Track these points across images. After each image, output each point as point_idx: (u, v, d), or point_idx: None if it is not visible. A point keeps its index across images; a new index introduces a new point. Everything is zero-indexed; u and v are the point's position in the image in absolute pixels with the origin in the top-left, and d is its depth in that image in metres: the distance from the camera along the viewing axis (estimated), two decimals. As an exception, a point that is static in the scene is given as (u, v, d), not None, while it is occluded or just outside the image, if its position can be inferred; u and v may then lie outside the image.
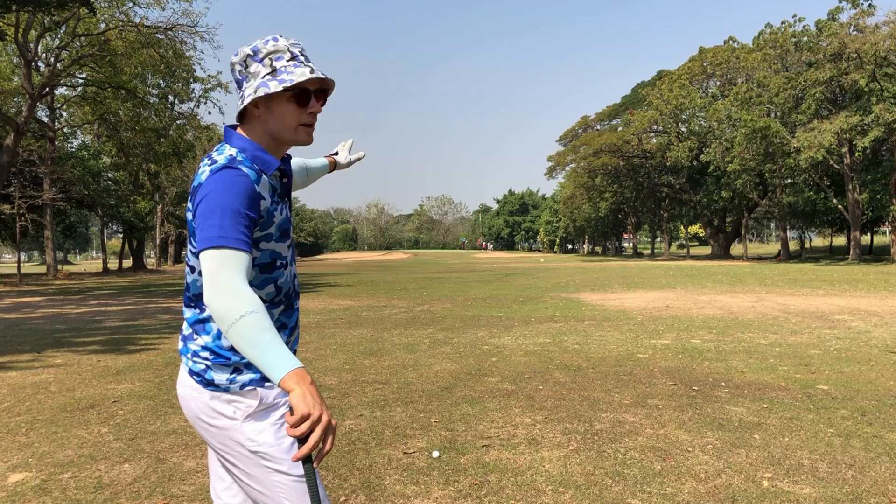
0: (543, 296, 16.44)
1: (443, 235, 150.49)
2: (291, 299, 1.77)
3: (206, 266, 1.49)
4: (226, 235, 1.49)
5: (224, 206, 1.51)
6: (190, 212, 1.61)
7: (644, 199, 63.83)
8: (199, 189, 1.57)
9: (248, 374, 1.66)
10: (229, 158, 1.59)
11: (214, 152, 1.65)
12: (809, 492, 3.30)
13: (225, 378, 1.65)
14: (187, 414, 1.72)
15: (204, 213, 1.52)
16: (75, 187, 33.88)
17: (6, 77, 32.47)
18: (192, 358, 1.69)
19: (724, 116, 42.39)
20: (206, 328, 1.67)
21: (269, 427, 1.64)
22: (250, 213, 1.56)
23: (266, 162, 1.64)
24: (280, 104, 1.62)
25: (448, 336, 9.20)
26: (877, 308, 12.24)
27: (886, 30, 33.53)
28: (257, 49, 1.63)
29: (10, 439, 4.41)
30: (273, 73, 1.60)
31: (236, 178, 1.55)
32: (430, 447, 4.07)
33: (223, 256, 1.48)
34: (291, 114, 1.63)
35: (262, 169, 1.63)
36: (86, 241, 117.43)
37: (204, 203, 1.53)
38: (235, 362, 1.65)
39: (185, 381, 1.71)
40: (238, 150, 1.63)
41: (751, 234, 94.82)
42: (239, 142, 1.65)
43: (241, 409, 1.64)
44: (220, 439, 1.67)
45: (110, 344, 8.98)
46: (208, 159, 1.64)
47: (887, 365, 6.62)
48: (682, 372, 6.37)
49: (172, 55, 34.31)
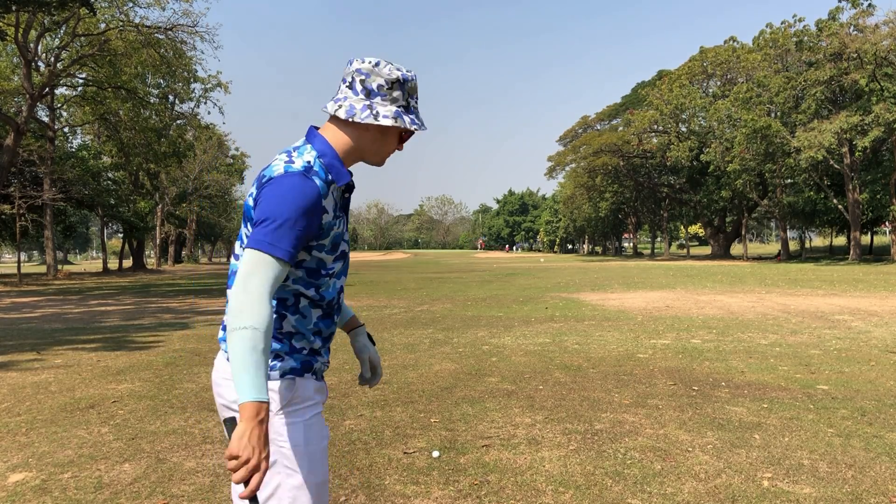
0: (543, 296, 16.44)
1: (443, 235, 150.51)
2: (333, 310, 1.78)
3: (245, 263, 1.54)
4: (275, 244, 1.53)
5: (285, 213, 1.54)
6: (251, 197, 1.64)
7: (644, 199, 63.83)
8: (269, 185, 1.59)
9: (290, 363, 1.67)
10: (306, 166, 1.61)
11: (294, 150, 1.67)
12: (809, 492, 3.30)
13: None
14: (219, 401, 1.73)
15: (264, 213, 1.56)
16: (75, 187, 33.88)
17: (6, 77, 32.47)
18: None
19: (724, 116, 42.38)
20: None
21: (301, 426, 1.66)
22: (309, 225, 1.59)
23: (340, 173, 1.67)
24: (390, 135, 1.71)
25: (448, 336, 9.20)
26: (877, 308, 12.24)
27: (886, 30, 33.52)
28: (407, 79, 1.69)
29: (10, 439, 4.41)
30: (406, 109, 1.69)
31: (306, 189, 1.57)
32: (430, 447, 4.07)
33: (263, 262, 1.53)
34: (391, 145, 1.73)
35: (334, 179, 1.66)
36: (86, 241, 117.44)
37: (268, 203, 1.56)
38: (276, 349, 1.67)
39: (221, 368, 1.72)
40: (317, 155, 1.65)
41: (751, 234, 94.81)
42: (320, 145, 1.68)
43: (276, 399, 1.65)
44: None
45: (110, 344, 8.98)
46: (286, 155, 1.65)
47: (887, 365, 6.62)
48: (682, 372, 6.37)
49: (173, 55, 34.30)
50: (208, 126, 45.52)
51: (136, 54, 32.28)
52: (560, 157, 64.71)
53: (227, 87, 43.55)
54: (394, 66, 1.68)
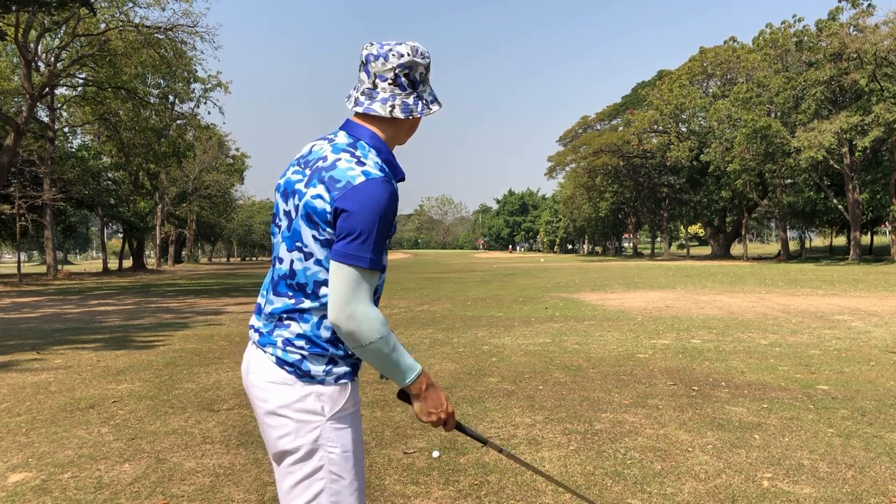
0: (543, 296, 16.44)
1: (443, 235, 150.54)
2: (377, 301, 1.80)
3: (341, 283, 1.52)
4: (373, 258, 1.53)
5: (379, 223, 1.52)
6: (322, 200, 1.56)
7: (644, 199, 63.84)
8: (355, 193, 1.52)
9: (344, 367, 1.65)
10: (381, 168, 1.58)
11: (352, 148, 1.61)
12: (809, 492, 3.30)
13: (321, 369, 1.63)
14: (263, 407, 1.65)
15: (357, 226, 1.51)
16: (75, 187, 33.88)
17: (6, 77, 32.46)
18: (286, 347, 1.63)
19: (724, 116, 42.36)
20: (305, 317, 1.63)
21: (349, 432, 1.65)
22: (391, 228, 1.58)
23: (396, 169, 1.65)
24: (415, 121, 1.70)
25: (448, 336, 9.20)
26: (877, 308, 12.24)
27: (886, 30, 33.52)
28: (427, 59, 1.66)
29: (10, 439, 4.41)
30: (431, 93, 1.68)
31: (391, 196, 1.55)
32: (430, 447, 4.07)
33: (361, 279, 1.53)
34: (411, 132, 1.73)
35: (394, 175, 1.63)
36: (86, 241, 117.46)
37: (362, 215, 1.51)
38: (332, 353, 1.64)
39: (269, 372, 1.64)
40: (376, 152, 1.63)
41: (751, 234, 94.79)
42: (374, 141, 1.64)
43: (329, 404, 1.62)
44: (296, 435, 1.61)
45: (110, 344, 8.98)
46: (349, 154, 1.59)
47: (887, 365, 6.62)
48: (682, 372, 6.37)
49: (173, 55, 34.29)
50: (208, 126, 45.46)
51: (136, 54, 32.28)
52: (560, 157, 64.71)
53: (227, 87, 43.54)
54: (419, 47, 1.64)
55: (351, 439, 1.64)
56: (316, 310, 1.62)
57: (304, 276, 1.62)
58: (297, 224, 1.61)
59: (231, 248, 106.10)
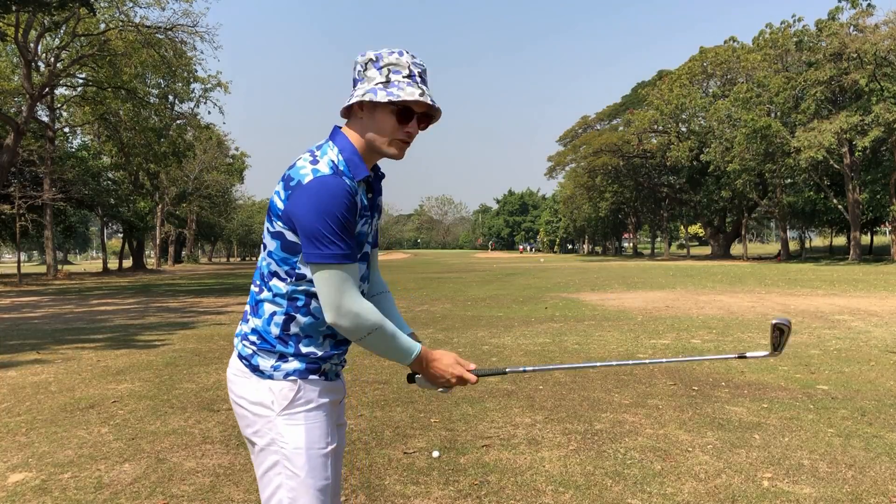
0: (543, 296, 16.44)
1: (443, 235, 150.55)
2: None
3: (322, 285, 1.60)
4: (337, 253, 1.58)
5: (327, 220, 1.56)
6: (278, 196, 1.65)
7: (644, 199, 63.81)
8: (300, 191, 1.58)
9: (293, 364, 1.69)
10: (332, 165, 1.61)
11: (317, 149, 1.67)
12: (809, 492, 3.30)
13: (269, 365, 1.69)
14: (230, 396, 1.77)
15: (308, 225, 1.57)
16: (75, 187, 33.87)
17: (6, 77, 32.44)
18: (242, 341, 1.74)
19: (724, 116, 42.35)
20: (260, 311, 1.71)
21: (303, 429, 1.67)
22: (351, 220, 1.61)
23: (357, 168, 1.66)
24: (383, 114, 1.66)
25: (448, 336, 9.20)
26: (877, 308, 12.24)
27: (886, 30, 33.51)
28: (380, 57, 1.67)
29: (10, 439, 4.41)
30: (386, 84, 1.65)
31: (338, 189, 1.58)
32: (430, 447, 4.07)
33: (339, 277, 1.59)
34: (390, 126, 1.67)
35: (353, 174, 1.65)
36: (86, 241, 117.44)
37: (307, 213, 1.57)
38: (280, 350, 1.68)
39: (234, 364, 1.76)
40: (338, 151, 1.66)
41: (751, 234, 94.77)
42: (340, 141, 1.69)
43: (279, 400, 1.67)
44: (254, 426, 1.69)
45: (110, 344, 8.98)
46: (310, 154, 1.65)
47: (887, 365, 6.62)
48: (682, 372, 6.37)
49: (173, 55, 34.27)
50: (208, 126, 45.40)
51: (136, 54, 32.25)
52: (560, 157, 64.71)
53: (227, 87, 43.47)
54: (372, 51, 1.68)
55: (304, 437, 1.66)
56: (269, 301, 1.69)
57: (261, 265, 1.73)
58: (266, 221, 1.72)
59: (231, 248, 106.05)
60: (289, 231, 1.62)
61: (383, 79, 1.65)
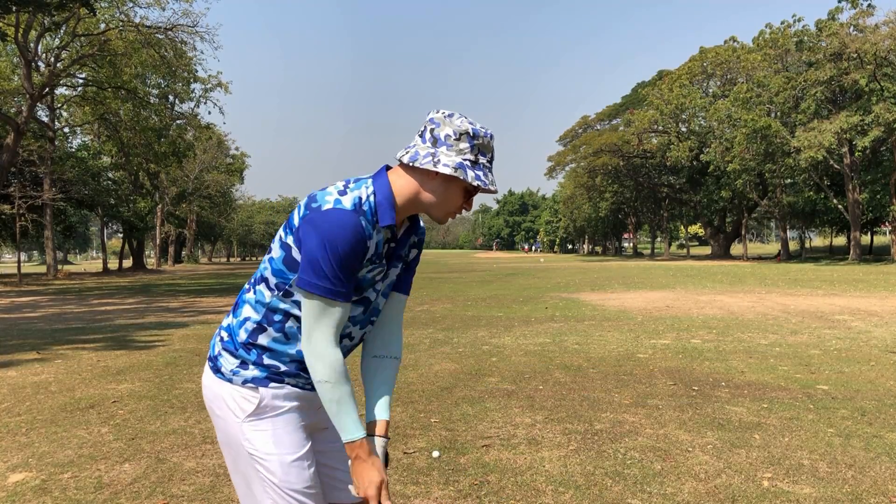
0: (543, 296, 16.44)
1: (443, 235, 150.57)
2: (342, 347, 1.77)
3: (305, 311, 1.59)
4: (330, 288, 1.56)
5: (332, 253, 1.54)
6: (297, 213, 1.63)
7: (644, 199, 63.82)
8: (316, 215, 1.57)
9: (253, 371, 1.67)
10: (356, 202, 1.59)
11: (353, 181, 1.65)
12: (809, 492, 3.30)
13: (230, 368, 1.68)
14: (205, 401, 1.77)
15: (312, 250, 1.56)
16: (75, 187, 33.88)
17: (6, 77, 32.43)
18: (216, 336, 1.75)
19: (724, 116, 42.36)
20: (238, 311, 1.72)
21: (269, 436, 1.65)
22: (357, 262, 1.59)
23: (384, 214, 1.63)
24: (454, 188, 1.65)
25: (448, 336, 9.20)
26: (877, 308, 12.24)
27: (886, 30, 33.51)
28: (477, 133, 1.63)
29: (10, 439, 4.41)
30: (474, 164, 1.64)
31: (354, 227, 1.56)
32: (430, 447, 4.07)
33: (323, 310, 1.58)
34: (455, 200, 1.67)
35: (377, 219, 1.63)
36: (86, 241, 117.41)
37: (313, 239, 1.55)
38: (242, 356, 1.67)
39: (206, 366, 1.76)
40: (373, 191, 1.63)
41: (751, 234, 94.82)
42: (380, 183, 1.65)
43: (242, 406, 1.66)
44: (224, 432, 1.69)
45: (110, 344, 8.97)
46: (343, 185, 1.64)
47: (887, 365, 6.62)
48: (682, 372, 6.37)
49: (173, 55, 34.27)
50: (208, 126, 45.39)
51: (136, 54, 32.26)
52: (560, 157, 64.67)
53: (227, 88, 43.48)
54: (467, 120, 1.64)
55: (273, 443, 1.64)
56: (250, 304, 1.69)
57: (260, 267, 1.73)
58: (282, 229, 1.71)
59: (231, 248, 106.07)
60: (296, 248, 1.61)
61: (473, 157, 1.64)
